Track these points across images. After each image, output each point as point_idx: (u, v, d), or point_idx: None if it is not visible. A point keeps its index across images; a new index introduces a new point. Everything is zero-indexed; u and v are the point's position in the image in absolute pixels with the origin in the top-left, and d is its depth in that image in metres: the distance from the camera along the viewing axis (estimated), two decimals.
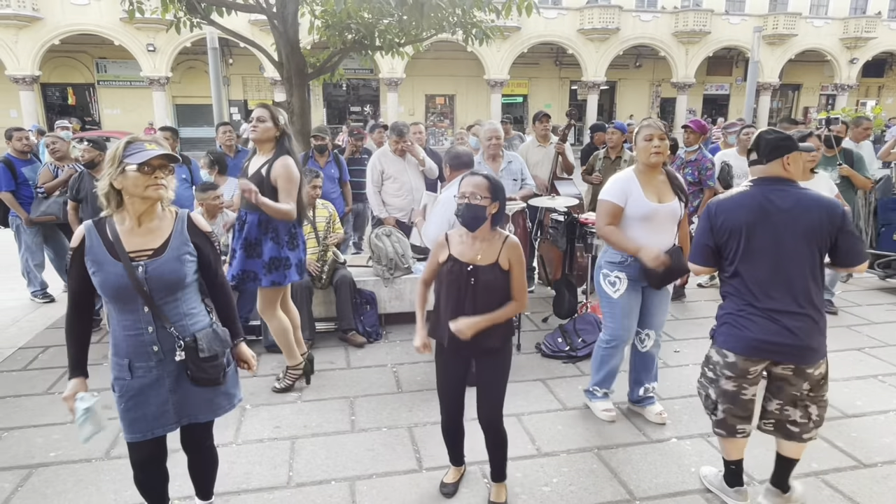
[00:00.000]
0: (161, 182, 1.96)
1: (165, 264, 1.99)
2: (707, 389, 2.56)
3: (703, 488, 2.77)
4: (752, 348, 2.37)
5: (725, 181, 5.57)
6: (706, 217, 2.47)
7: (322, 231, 4.60)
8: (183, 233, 2.06)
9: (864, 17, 28.19)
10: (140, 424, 2.06)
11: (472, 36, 6.26)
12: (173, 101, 24.70)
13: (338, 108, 27.89)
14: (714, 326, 2.54)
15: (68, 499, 2.71)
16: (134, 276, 1.93)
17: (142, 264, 1.96)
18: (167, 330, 2.00)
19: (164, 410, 2.06)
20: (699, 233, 2.50)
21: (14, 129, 5.59)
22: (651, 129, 3.05)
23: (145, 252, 1.98)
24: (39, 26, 20.89)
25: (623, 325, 3.25)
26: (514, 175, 4.89)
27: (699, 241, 2.49)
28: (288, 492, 2.76)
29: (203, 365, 2.04)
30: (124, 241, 1.97)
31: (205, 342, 2.04)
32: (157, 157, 1.93)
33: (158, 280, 1.97)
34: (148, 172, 1.93)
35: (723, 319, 2.48)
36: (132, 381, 2.03)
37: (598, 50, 26.18)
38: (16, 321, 5.12)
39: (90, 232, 1.98)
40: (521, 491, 2.76)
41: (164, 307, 2.00)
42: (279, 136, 3.41)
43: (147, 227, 2.01)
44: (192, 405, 2.11)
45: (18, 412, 3.51)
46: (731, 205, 2.41)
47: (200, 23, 6.28)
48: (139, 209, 1.98)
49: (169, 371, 2.04)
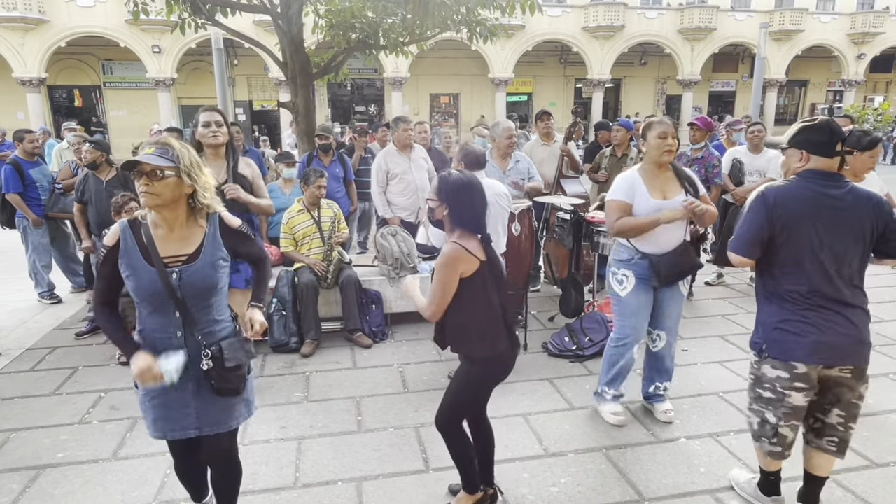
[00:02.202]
0: (147, 189, 1.87)
1: (199, 271, 1.97)
2: (764, 414, 2.34)
3: (713, 488, 2.75)
4: (817, 353, 2.21)
5: (737, 178, 5.54)
6: (762, 206, 2.27)
7: (327, 231, 4.60)
8: (216, 237, 2.03)
9: (871, 12, 27.93)
10: (161, 424, 2.05)
11: (477, 34, 6.24)
12: (179, 102, 24.76)
13: (342, 107, 27.90)
14: (756, 338, 2.36)
15: (76, 499, 2.72)
16: (167, 283, 1.92)
17: (176, 271, 1.94)
18: (195, 337, 1.99)
19: (185, 414, 2.04)
20: (749, 222, 2.31)
21: (25, 132, 5.63)
22: (664, 126, 3.03)
23: (179, 258, 1.96)
24: (46, 29, 20.98)
25: (630, 324, 3.20)
26: (521, 174, 4.86)
27: (749, 231, 2.30)
28: (295, 492, 2.75)
29: (227, 374, 2.00)
30: (159, 246, 1.95)
31: (229, 351, 2.01)
32: (137, 163, 1.85)
33: (192, 287, 1.95)
34: (136, 178, 1.88)
35: (772, 326, 2.29)
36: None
37: (602, 47, 26.07)
38: (23, 322, 5.14)
39: (125, 233, 1.96)
40: (528, 491, 2.74)
41: (196, 313, 1.99)
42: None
43: (180, 232, 1.99)
44: (213, 413, 2.07)
45: (26, 413, 3.52)
46: (790, 196, 2.25)
47: (205, 24, 6.29)
48: (160, 216, 1.96)
49: (192, 376, 2.00)
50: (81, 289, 5.77)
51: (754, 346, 2.38)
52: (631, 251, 3.16)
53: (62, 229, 5.75)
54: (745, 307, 5.29)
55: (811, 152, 2.27)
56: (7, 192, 5.29)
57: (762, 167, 5.46)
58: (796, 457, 2.52)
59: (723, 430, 3.24)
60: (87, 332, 4.74)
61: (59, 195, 5.43)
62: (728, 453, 3.03)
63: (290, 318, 4.43)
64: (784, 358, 2.26)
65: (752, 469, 2.86)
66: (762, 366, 2.34)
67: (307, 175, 4.58)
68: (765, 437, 2.38)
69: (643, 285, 3.16)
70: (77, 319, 5.11)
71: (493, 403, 3.52)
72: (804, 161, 2.29)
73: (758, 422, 2.39)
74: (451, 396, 2.45)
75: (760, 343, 2.34)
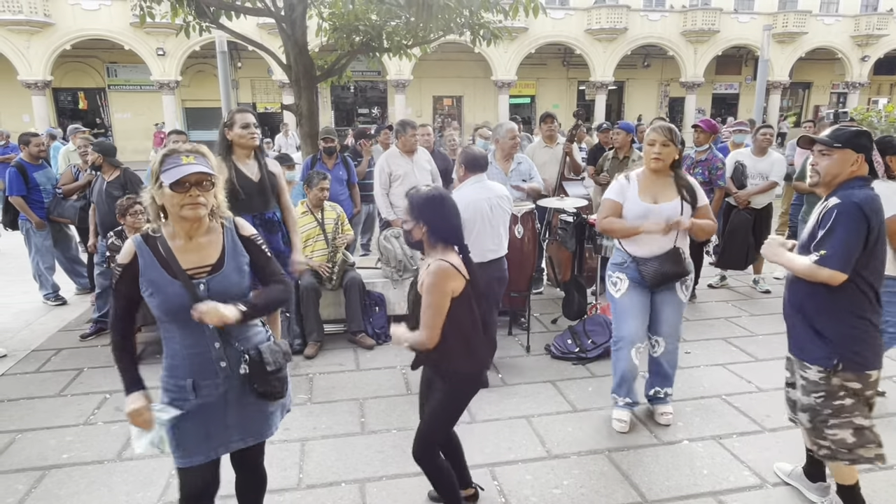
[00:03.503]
0: (199, 201, 1.81)
1: (227, 278, 1.90)
2: (852, 424, 2.30)
3: (715, 490, 2.75)
4: (879, 358, 2.32)
5: (739, 181, 5.51)
6: (862, 218, 2.17)
7: (331, 233, 4.61)
8: (235, 242, 1.97)
9: (875, 14, 27.87)
10: (202, 446, 1.95)
11: (480, 37, 6.25)
12: (183, 104, 24.85)
13: (345, 110, 27.97)
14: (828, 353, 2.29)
15: (81, 500, 2.73)
16: (195, 296, 1.83)
17: (203, 282, 1.87)
18: (233, 345, 1.93)
19: (226, 426, 1.98)
20: (849, 237, 2.17)
21: (31, 135, 5.66)
22: (654, 133, 3.07)
23: (204, 269, 1.89)
24: (51, 32, 21.10)
25: (623, 326, 3.21)
26: (523, 176, 4.88)
27: (851, 244, 2.17)
28: (298, 494, 2.76)
29: (269, 378, 1.94)
30: (179, 258, 1.86)
31: (269, 355, 1.95)
32: (194, 174, 1.79)
33: (222, 295, 1.86)
34: (183, 191, 1.79)
35: (853, 337, 2.26)
36: (195, 401, 1.91)
37: (605, 50, 26.07)
38: (28, 324, 5.16)
39: (141, 249, 1.86)
40: (531, 493, 2.75)
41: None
42: None
43: (198, 241, 1.91)
44: (253, 422, 2.03)
45: (31, 414, 3.54)
46: (878, 206, 2.21)
47: (209, 27, 6.32)
48: (184, 227, 1.87)
49: (233, 386, 1.95)
50: (86, 290, 5.80)
51: (835, 362, 2.28)
52: (623, 254, 3.20)
53: (64, 231, 5.77)
54: (749, 310, 5.29)
55: (865, 158, 2.25)
56: (11, 194, 5.32)
57: (765, 170, 5.45)
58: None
59: (725, 433, 3.24)
60: (92, 334, 4.76)
61: (60, 199, 5.45)
62: (731, 456, 3.03)
63: (293, 319, 4.44)
64: (871, 367, 2.29)
65: (751, 476, 2.86)
66: (836, 377, 2.30)
67: (310, 177, 4.60)
68: (862, 446, 2.32)
69: (636, 288, 3.18)
70: (82, 321, 5.13)
71: (495, 406, 3.56)
72: (858, 165, 2.25)
73: (852, 431, 2.31)
74: (427, 424, 2.36)
75: (837, 358, 2.28)
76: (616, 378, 3.33)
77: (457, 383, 2.31)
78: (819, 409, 2.35)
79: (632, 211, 3.10)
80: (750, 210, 5.49)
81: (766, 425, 3.31)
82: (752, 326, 4.86)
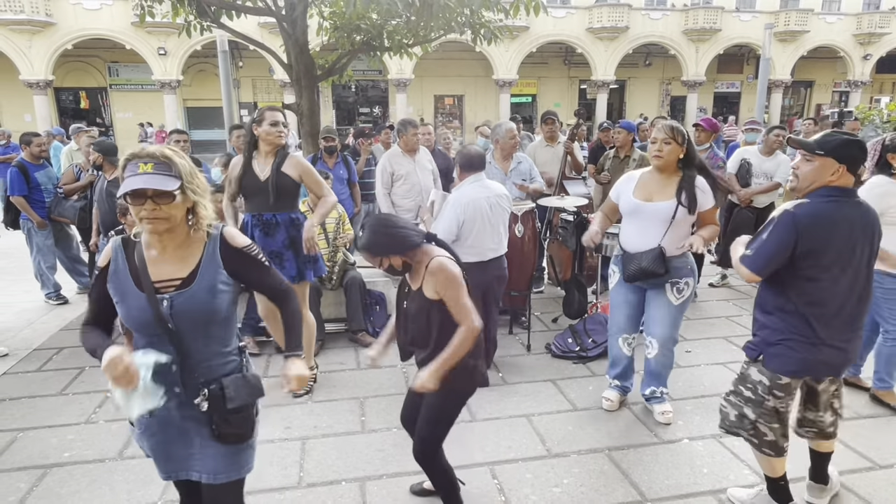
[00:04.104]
0: (156, 215, 1.60)
1: (194, 297, 1.69)
2: (742, 408, 2.42)
3: (715, 489, 2.75)
4: (807, 370, 2.30)
5: (744, 179, 5.49)
6: (791, 230, 2.16)
7: (332, 232, 4.62)
8: (215, 258, 1.74)
9: (877, 12, 27.81)
10: (162, 464, 1.82)
11: (481, 36, 6.25)
12: (184, 104, 24.91)
13: (347, 109, 27.99)
14: (755, 344, 2.38)
15: (82, 499, 2.74)
16: (157, 311, 1.65)
17: (167, 297, 1.67)
18: (192, 372, 1.71)
19: (188, 453, 1.78)
20: (772, 241, 2.20)
21: (32, 135, 5.67)
22: (656, 132, 3.13)
23: (172, 283, 1.69)
24: (52, 31, 21.15)
25: (612, 316, 3.45)
26: (522, 175, 4.88)
27: (770, 251, 2.20)
28: (299, 492, 2.77)
29: (230, 417, 1.72)
30: (151, 268, 1.69)
31: (232, 389, 1.72)
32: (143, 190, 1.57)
33: (185, 316, 1.68)
34: (139, 203, 1.59)
35: (775, 340, 2.30)
36: (151, 418, 1.73)
37: (607, 49, 26.05)
38: (30, 323, 5.18)
39: (117, 253, 1.73)
40: (531, 492, 2.75)
41: (192, 345, 1.71)
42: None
43: (176, 252, 1.72)
44: (213, 458, 1.77)
45: (33, 413, 3.55)
46: (819, 218, 2.16)
47: (210, 26, 6.32)
48: (153, 238, 1.70)
49: (191, 415, 1.73)
50: (87, 289, 5.74)
51: (752, 353, 2.40)
52: (619, 248, 3.34)
53: (65, 231, 5.78)
54: (749, 309, 5.25)
55: (850, 169, 2.19)
56: (12, 194, 5.34)
57: (770, 170, 5.41)
58: (799, 457, 2.53)
59: None
60: None
61: (61, 199, 5.46)
62: (731, 454, 3.03)
63: None
64: (776, 369, 2.32)
65: (751, 475, 2.86)
66: (751, 369, 2.41)
67: None
68: (744, 430, 2.44)
69: (652, 297, 3.27)
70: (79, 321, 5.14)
71: (496, 404, 3.56)
72: (838, 175, 2.19)
73: (736, 414, 2.46)
74: (433, 427, 2.33)
75: (755, 349, 2.38)
76: (609, 361, 3.55)
77: (457, 382, 2.27)
78: (730, 384, 2.54)
79: (624, 206, 3.23)
80: (752, 209, 5.48)
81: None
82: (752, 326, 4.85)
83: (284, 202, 3.53)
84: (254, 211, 3.55)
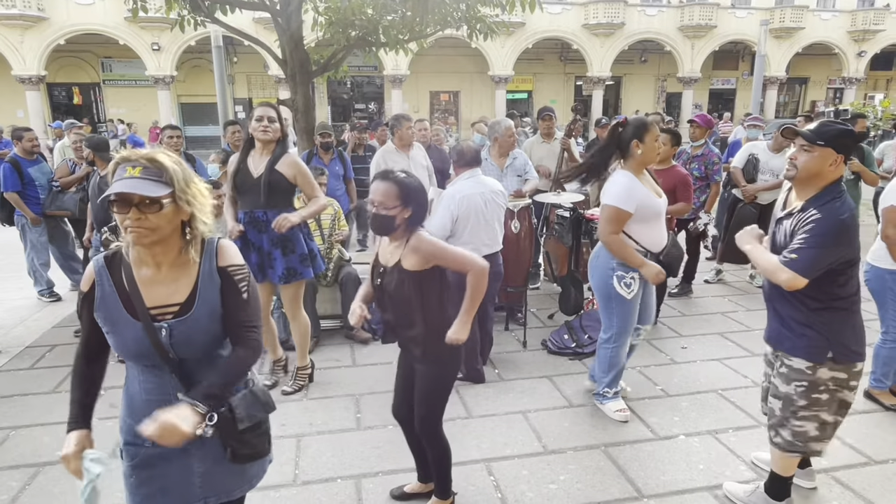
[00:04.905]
0: (142, 224, 1.44)
1: (195, 324, 1.55)
2: (819, 416, 2.31)
3: (711, 485, 2.75)
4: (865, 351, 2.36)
5: (750, 174, 5.43)
6: (843, 236, 2.17)
7: (327, 228, 4.60)
8: (212, 274, 1.60)
9: (871, 9, 27.91)
10: (157, 499, 1.66)
11: (477, 31, 6.22)
12: (178, 99, 24.76)
13: (342, 105, 27.89)
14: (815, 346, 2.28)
15: (76, 497, 2.70)
16: (157, 341, 1.52)
17: (165, 326, 1.53)
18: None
19: (188, 483, 1.66)
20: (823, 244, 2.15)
21: (23, 130, 5.62)
22: (658, 130, 3.13)
23: (169, 309, 1.55)
24: (45, 26, 20.97)
25: (630, 323, 3.27)
26: (518, 171, 4.87)
27: (821, 253, 2.15)
28: (294, 490, 2.75)
29: (244, 437, 1.62)
30: (144, 292, 1.53)
31: (242, 409, 1.60)
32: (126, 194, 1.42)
33: (187, 345, 1.55)
34: (123, 211, 1.44)
35: (836, 333, 2.28)
36: (150, 449, 1.60)
37: (603, 45, 26.04)
38: (23, 320, 5.14)
39: (101, 276, 1.56)
40: (527, 489, 2.75)
41: (196, 371, 1.59)
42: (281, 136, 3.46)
43: (169, 272, 1.56)
44: (222, 478, 1.70)
45: (26, 411, 3.52)
46: (856, 221, 2.30)
47: (204, 21, 6.27)
48: (142, 252, 1.54)
49: (197, 443, 1.54)
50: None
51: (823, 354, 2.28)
52: (641, 253, 3.14)
53: (61, 227, 5.74)
54: (745, 304, 5.29)
55: (844, 159, 2.22)
56: (6, 190, 5.29)
57: (778, 167, 5.29)
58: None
59: (721, 428, 3.25)
60: None
61: (57, 193, 5.43)
62: (727, 450, 3.03)
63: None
64: (857, 359, 2.31)
65: (747, 471, 2.87)
66: (821, 370, 2.29)
67: None
68: (817, 441, 2.36)
69: (645, 286, 3.26)
70: (77, 317, 5.11)
71: (492, 401, 3.55)
72: (836, 165, 2.20)
73: (816, 426, 2.33)
74: (430, 403, 2.39)
75: (821, 350, 2.28)
76: (612, 374, 3.35)
77: (446, 364, 2.37)
78: (794, 399, 2.34)
79: (651, 209, 3.08)
80: (755, 205, 5.44)
81: (761, 420, 3.29)
82: (748, 321, 4.86)
83: (276, 200, 3.42)
84: (246, 208, 3.48)
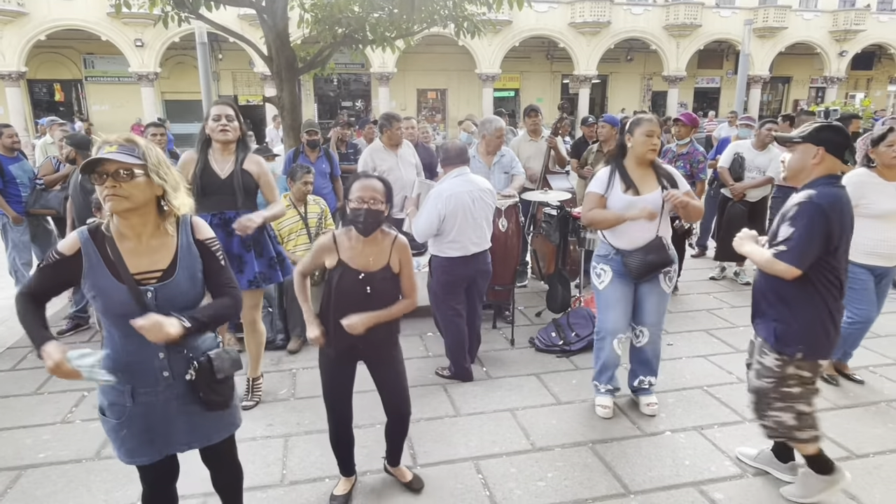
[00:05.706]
0: (117, 192, 1.65)
1: (178, 286, 1.78)
2: (794, 409, 2.42)
3: (697, 480, 2.77)
4: (832, 351, 2.46)
5: (737, 173, 5.53)
6: (823, 219, 2.24)
7: (314, 227, 4.57)
8: (190, 247, 1.83)
9: (853, 9, 28.32)
10: (145, 448, 1.87)
11: (464, 29, 6.22)
12: (162, 96, 24.46)
13: (329, 102, 27.73)
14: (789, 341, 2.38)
15: (59, 500, 2.68)
16: (142, 303, 1.72)
17: (150, 289, 1.75)
18: (181, 354, 1.83)
19: (170, 431, 1.88)
20: (809, 233, 2.25)
21: (3, 126, 5.51)
22: (651, 125, 3.10)
23: (153, 274, 1.77)
24: (25, 21, 20.61)
25: (607, 318, 3.28)
26: (505, 168, 4.88)
27: (809, 243, 2.25)
28: (282, 490, 2.74)
29: (217, 387, 1.87)
30: (128, 260, 1.74)
31: (218, 362, 1.86)
32: (104, 160, 1.64)
33: (170, 304, 1.75)
34: (100, 182, 1.66)
35: (806, 330, 2.36)
36: (134, 407, 1.82)
37: (589, 43, 26.16)
38: (4, 321, 5.05)
39: (88, 247, 1.74)
40: (515, 486, 2.76)
41: None
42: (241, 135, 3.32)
43: (149, 243, 1.78)
44: (201, 426, 1.93)
45: (7, 413, 3.46)
46: (842, 205, 2.30)
47: (188, 17, 6.19)
48: (125, 224, 1.75)
49: (177, 393, 1.84)
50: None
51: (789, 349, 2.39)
52: (608, 247, 3.23)
53: (44, 226, 5.64)
54: (730, 301, 5.35)
55: (829, 152, 2.30)
56: None
57: (763, 164, 5.43)
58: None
59: (707, 423, 3.28)
60: (69, 330, 4.68)
61: (42, 191, 5.33)
62: (712, 446, 3.06)
63: (276, 314, 4.40)
64: (822, 357, 2.41)
65: (732, 466, 2.90)
66: (788, 367, 2.41)
67: (294, 171, 4.53)
68: (800, 429, 2.45)
69: (620, 280, 3.21)
70: (59, 318, 5.03)
71: (480, 399, 3.56)
72: (819, 160, 2.31)
73: (794, 415, 2.44)
74: (405, 382, 2.66)
75: (790, 344, 2.39)
76: (598, 366, 3.39)
77: (397, 342, 2.61)
78: (766, 392, 2.49)
79: (616, 202, 3.13)
80: (744, 203, 5.53)
81: (746, 415, 3.35)
82: (733, 318, 4.92)
83: (247, 200, 3.33)
84: (214, 210, 3.28)
